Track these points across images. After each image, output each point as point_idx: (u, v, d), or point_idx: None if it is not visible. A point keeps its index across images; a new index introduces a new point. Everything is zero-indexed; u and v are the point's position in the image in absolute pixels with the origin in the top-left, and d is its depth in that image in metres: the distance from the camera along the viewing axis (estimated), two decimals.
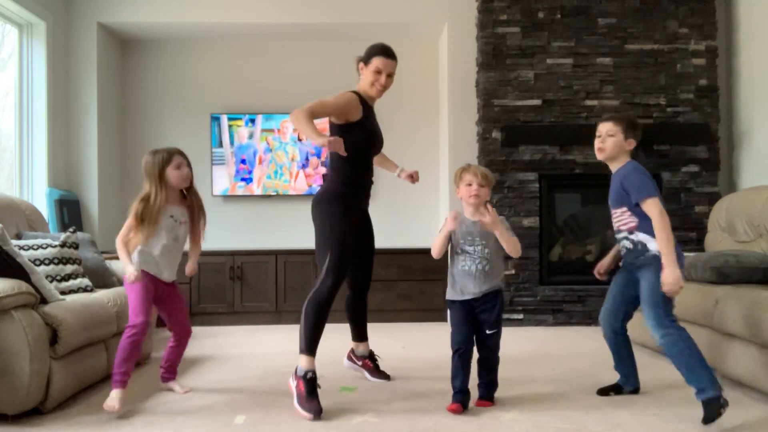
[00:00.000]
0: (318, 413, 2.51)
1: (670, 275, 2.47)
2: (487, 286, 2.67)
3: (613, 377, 2.96)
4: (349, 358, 3.30)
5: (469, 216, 2.70)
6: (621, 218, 2.73)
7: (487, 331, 2.68)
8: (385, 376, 3.19)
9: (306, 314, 2.72)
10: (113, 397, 2.58)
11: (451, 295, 2.72)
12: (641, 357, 3.68)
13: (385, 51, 2.99)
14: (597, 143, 2.76)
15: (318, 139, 2.46)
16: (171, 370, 3.01)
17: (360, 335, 3.25)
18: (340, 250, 2.78)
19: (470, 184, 2.66)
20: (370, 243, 3.18)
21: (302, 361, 2.68)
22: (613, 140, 2.71)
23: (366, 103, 2.99)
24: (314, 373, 2.66)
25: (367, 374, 3.22)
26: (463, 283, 2.68)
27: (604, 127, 2.74)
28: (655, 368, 3.37)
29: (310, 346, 2.70)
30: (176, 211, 2.84)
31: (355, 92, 2.99)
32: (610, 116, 2.78)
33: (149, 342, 3.62)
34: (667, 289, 2.48)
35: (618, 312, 2.85)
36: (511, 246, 2.65)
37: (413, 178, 3.24)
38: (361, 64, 3.02)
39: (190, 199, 2.92)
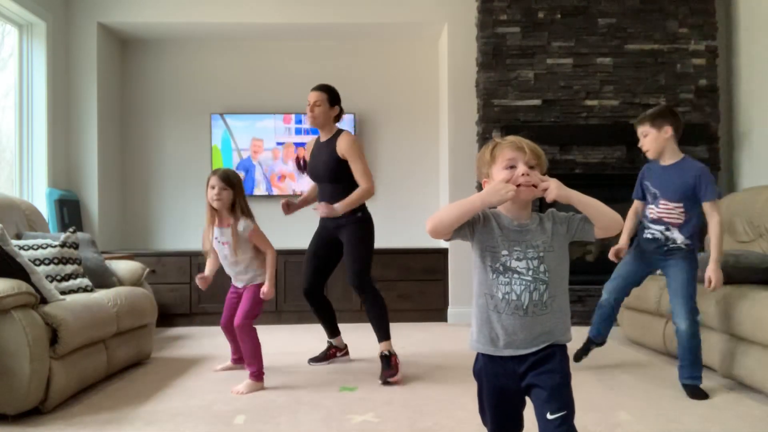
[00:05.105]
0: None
1: (717, 274, 2.80)
2: (547, 333, 1.55)
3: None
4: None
5: (510, 214, 1.62)
6: (672, 212, 2.87)
7: (549, 416, 1.49)
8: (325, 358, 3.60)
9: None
10: (249, 385, 2.96)
11: (477, 344, 1.61)
12: (639, 356, 3.69)
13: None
14: (641, 145, 2.98)
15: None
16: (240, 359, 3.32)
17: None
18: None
19: (513, 166, 1.58)
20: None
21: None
22: (649, 138, 2.91)
23: (318, 140, 3.50)
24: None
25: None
26: (503, 323, 1.55)
27: (638, 131, 2.96)
28: (655, 368, 3.38)
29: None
30: (219, 232, 3.11)
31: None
32: (638, 119, 2.97)
33: (149, 342, 3.63)
34: (714, 286, 2.80)
35: (626, 288, 3.16)
36: (607, 215, 1.56)
37: (319, 209, 3.33)
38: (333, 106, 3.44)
39: (235, 221, 3.10)
